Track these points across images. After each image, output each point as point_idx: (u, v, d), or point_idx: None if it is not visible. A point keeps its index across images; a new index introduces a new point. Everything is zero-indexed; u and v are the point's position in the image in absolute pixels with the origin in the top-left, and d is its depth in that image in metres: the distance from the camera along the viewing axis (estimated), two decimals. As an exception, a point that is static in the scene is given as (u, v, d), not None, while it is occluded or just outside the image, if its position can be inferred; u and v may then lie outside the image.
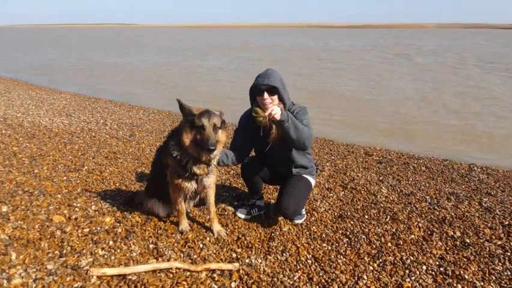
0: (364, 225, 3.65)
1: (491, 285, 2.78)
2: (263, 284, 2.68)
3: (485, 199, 4.33)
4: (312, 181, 3.68)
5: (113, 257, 2.86)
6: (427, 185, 4.80)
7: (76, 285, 2.44)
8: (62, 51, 31.49)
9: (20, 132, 6.48)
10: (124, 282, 2.55)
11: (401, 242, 3.35)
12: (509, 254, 3.18)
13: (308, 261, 3.04)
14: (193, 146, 2.89)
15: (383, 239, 3.40)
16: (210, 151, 2.82)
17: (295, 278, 2.79)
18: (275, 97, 3.22)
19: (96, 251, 2.90)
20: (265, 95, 3.18)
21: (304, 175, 3.57)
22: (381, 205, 4.10)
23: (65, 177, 4.44)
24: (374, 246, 3.29)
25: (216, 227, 3.39)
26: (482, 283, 2.80)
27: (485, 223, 3.73)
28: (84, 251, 2.88)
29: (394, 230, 3.57)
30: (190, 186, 3.12)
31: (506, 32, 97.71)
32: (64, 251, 2.84)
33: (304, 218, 3.72)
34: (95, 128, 7.28)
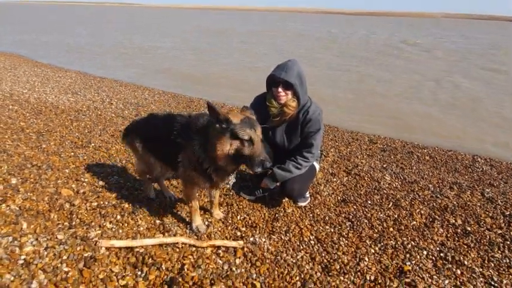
0: (367, 210, 3.71)
1: (490, 272, 2.84)
2: (267, 261, 2.75)
3: (487, 190, 4.36)
4: (317, 165, 3.71)
5: (120, 231, 2.93)
6: (430, 174, 4.83)
7: (86, 255, 2.51)
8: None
9: (27, 108, 6.52)
10: (132, 254, 2.62)
11: (403, 228, 3.40)
12: (508, 242, 3.23)
13: (311, 242, 3.10)
14: (226, 160, 2.55)
15: (385, 224, 3.45)
16: (265, 169, 2.50)
17: (298, 257, 2.85)
18: (290, 92, 3.17)
19: (104, 224, 2.97)
20: (280, 88, 3.14)
21: None
22: (384, 191, 4.14)
23: (72, 153, 4.49)
24: (376, 230, 3.35)
25: (216, 211, 3.39)
26: (481, 269, 2.87)
27: (487, 213, 3.78)
28: (92, 223, 2.95)
29: (396, 215, 3.62)
30: (203, 184, 2.86)
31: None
32: (73, 223, 2.91)
33: (308, 201, 3.78)
34: (100, 106, 7.31)
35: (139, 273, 2.46)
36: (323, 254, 2.92)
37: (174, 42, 23.27)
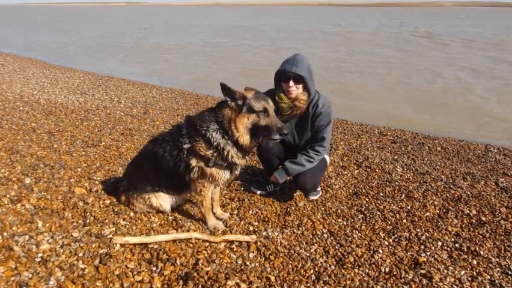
0: (379, 202, 3.68)
1: (507, 261, 2.80)
2: (280, 255, 2.75)
3: (501, 179, 4.30)
4: (327, 158, 3.69)
5: (134, 227, 2.95)
6: (442, 164, 4.78)
7: (101, 252, 2.53)
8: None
9: (37, 109, 6.58)
10: (146, 250, 2.64)
11: (416, 219, 3.37)
12: (525, 232, 3.18)
13: (324, 235, 3.09)
14: (247, 135, 2.68)
15: (398, 216, 3.42)
16: (283, 135, 2.68)
17: (311, 251, 2.85)
18: (300, 86, 3.18)
19: (118, 221, 2.99)
20: (291, 83, 3.13)
21: None
22: (396, 183, 4.11)
23: (83, 152, 4.53)
24: (389, 222, 3.32)
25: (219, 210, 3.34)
26: (497, 259, 2.83)
27: (501, 202, 3.73)
28: (106, 220, 2.97)
29: (409, 207, 3.58)
30: (224, 176, 2.86)
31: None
32: (88, 221, 2.94)
33: (320, 194, 3.76)
34: (109, 105, 7.36)
35: (154, 268, 2.48)
36: (337, 247, 2.91)
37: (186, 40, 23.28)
